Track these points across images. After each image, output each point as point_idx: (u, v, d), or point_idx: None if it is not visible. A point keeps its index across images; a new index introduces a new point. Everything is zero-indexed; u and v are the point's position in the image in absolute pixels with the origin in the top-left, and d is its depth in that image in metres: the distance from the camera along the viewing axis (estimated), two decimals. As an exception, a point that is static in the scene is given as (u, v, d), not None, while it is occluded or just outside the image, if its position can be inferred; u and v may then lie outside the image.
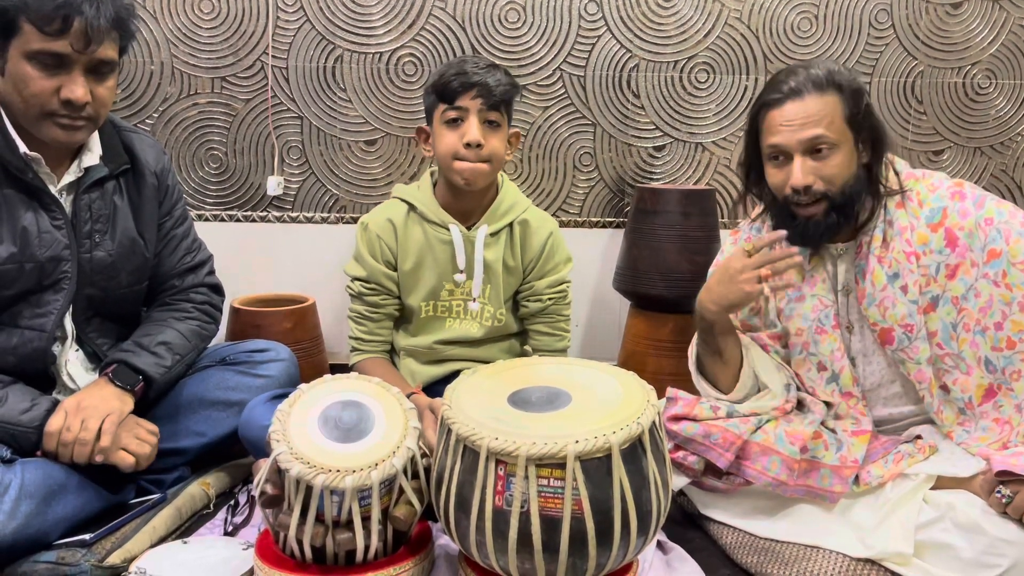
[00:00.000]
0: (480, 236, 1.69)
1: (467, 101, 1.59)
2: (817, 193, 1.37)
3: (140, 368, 1.46)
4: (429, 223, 1.70)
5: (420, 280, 1.72)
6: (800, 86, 1.37)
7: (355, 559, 1.20)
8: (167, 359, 1.51)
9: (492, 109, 1.61)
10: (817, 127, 1.35)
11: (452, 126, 1.61)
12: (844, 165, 1.37)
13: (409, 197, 1.72)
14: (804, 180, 1.36)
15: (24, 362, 1.41)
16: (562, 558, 1.09)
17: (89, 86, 1.32)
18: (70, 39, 1.28)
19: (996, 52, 2.41)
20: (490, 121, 1.62)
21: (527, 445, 1.07)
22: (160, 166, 1.56)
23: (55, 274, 1.41)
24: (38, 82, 1.30)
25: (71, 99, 1.30)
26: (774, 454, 1.35)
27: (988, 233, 1.34)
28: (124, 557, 1.29)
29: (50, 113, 1.32)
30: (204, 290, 1.65)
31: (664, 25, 2.34)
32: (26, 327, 1.40)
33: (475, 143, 1.59)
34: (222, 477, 1.60)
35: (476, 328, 1.75)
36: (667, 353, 2.16)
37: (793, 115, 1.36)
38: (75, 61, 1.30)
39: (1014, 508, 1.21)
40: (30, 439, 1.34)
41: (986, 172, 2.49)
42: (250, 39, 2.27)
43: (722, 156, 2.42)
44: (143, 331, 1.54)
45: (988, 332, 1.35)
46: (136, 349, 1.49)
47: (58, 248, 1.40)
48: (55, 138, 1.35)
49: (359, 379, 1.33)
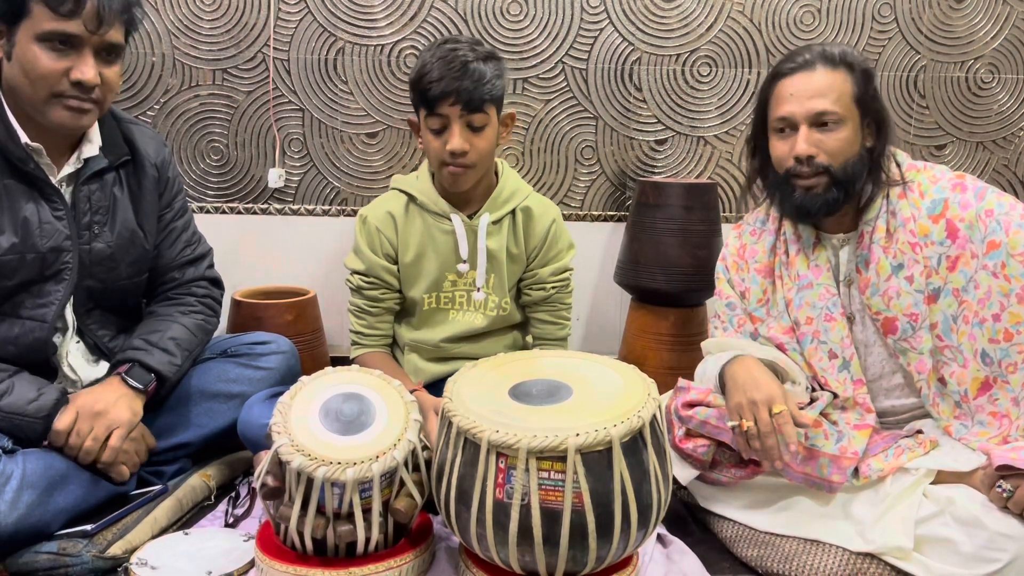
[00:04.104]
0: (482, 225, 1.68)
1: (447, 108, 1.54)
2: (819, 166, 1.39)
3: (154, 367, 1.46)
4: (430, 213, 1.69)
5: (422, 272, 1.71)
6: (813, 59, 1.40)
7: (356, 551, 1.21)
8: (178, 356, 1.51)
9: (475, 112, 1.55)
10: (825, 100, 1.37)
11: (436, 133, 1.58)
12: (848, 142, 1.39)
13: (408, 188, 1.71)
14: (808, 149, 1.38)
15: (25, 352, 1.40)
16: (562, 551, 1.10)
17: (98, 69, 1.32)
18: (83, 19, 1.28)
19: (999, 47, 2.41)
20: (474, 125, 1.56)
21: (528, 438, 1.08)
22: (160, 158, 1.56)
23: (56, 264, 1.41)
24: (48, 64, 1.29)
25: (82, 80, 1.30)
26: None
27: (988, 225, 1.34)
28: (125, 548, 1.30)
29: (59, 95, 1.32)
30: (205, 283, 1.65)
31: (666, 18, 2.33)
32: (27, 317, 1.40)
33: (459, 152, 1.55)
34: (223, 469, 1.60)
35: (480, 319, 1.74)
36: (668, 347, 2.16)
37: (803, 86, 1.39)
38: (86, 42, 1.30)
39: (1014, 503, 1.21)
40: (36, 429, 1.34)
41: (988, 167, 2.48)
42: (251, 31, 2.26)
43: (724, 150, 2.42)
44: (151, 327, 1.54)
45: (986, 324, 1.35)
46: (148, 347, 1.48)
47: (59, 239, 1.40)
48: (62, 122, 1.34)
49: (360, 371, 1.33)
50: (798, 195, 1.42)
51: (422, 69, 1.55)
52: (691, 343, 2.12)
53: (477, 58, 1.54)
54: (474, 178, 1.63)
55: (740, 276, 1.57)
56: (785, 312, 1.52)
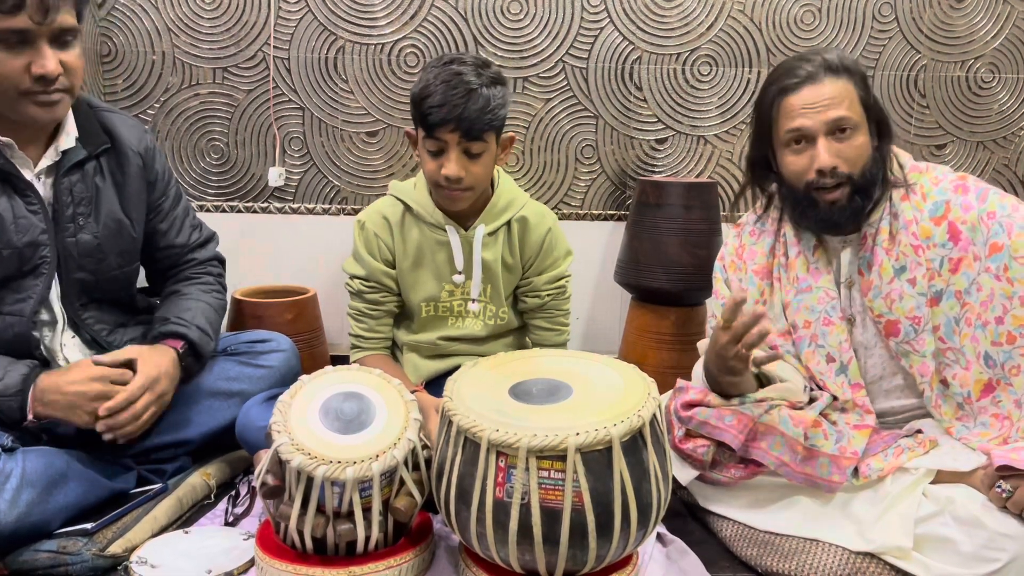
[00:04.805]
0: (478, 237, 1.67)
1: (446, 135, 1.51)
2: (841, 176, 1.38)
3: (198, 346, 1.52)
4: (426, 224, 1.68)
5: (419, 280, 1.71)
6: (816, 70, 1.39)
7: (356, 550, 1.21)
8: (211, 338, 1.57)
9: (474, 140, 1.53)
10: (840, 108, 1.37)
11: (432, 155, 1.56)
12: (864, 147, 1.39)
13: (405, 197, 1.69)
14: (832, 161, 1.37)
15: (8, 347, 1.40)
16: (562, 550, 1.10)
17: (57, 57, 1.30)
18: (28, 12, 1.24)
19: (999, 46, 2.40)
20: (471, 152, 1.54)
21: (528, 437, 1.08)
22: (144, 146, 1.54)
23: (34, 259, 1.40)
24: (6, 62, 1.27)
25: (43, 74, 1.28)
26: (779, 434, 1.35)
27: (990, 227, 1.34)
28: (125, 547, 1.30)
29: (25, 92, 1.30)
30: (217, 263, 1.71)
31: (667, 17, 2.33)
32: (7, 313, 1.40)
33: (454, 178, 1.54)
34: (223, 467, 1.60)
35: (480, 326, 1.74)
36: (668, 346, 2.16)
37: (814, 98, 1.38)
38: (38, 34, 1.27)
39: (1014, 503, 1.21)
40: (12, 407, 1.32)
41: (988, 167, 2.48)
42: (252, 29, 2.26)
43: (724, 149, 2.42)
44: (181, 305, 1.57)
45: (989, 326, 1.35)
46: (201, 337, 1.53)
47: (35, 233, 1.39)
48: (35, 117, 1.33)
49: (360, 371, 1.33)
50: (823, 209, 1.41)
51: (425, 89, 1.52)
52: (691, 342, 2.12)
53: (482, 84, 1.51)
54: (470, 199, 1.62)
55: (737, 276, 1.57)
56: (782, 315, 1.52)
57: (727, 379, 1.39)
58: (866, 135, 1.40)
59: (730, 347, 1.31)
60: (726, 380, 1.40)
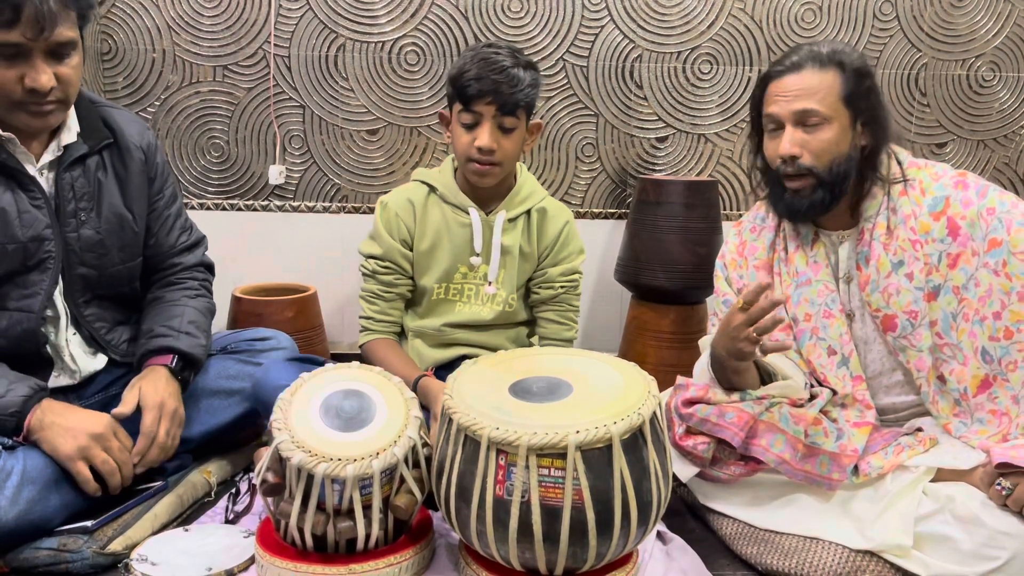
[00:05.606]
0: (499, 221, 1.71)
1: (482, 107, 1.59)
2: (803, 167, 1.39)
3: (187, 354, 1.50)
4: (449, 205, 1.72)
5: (435, 261, 1.73)
6: (801, 60, 1.40)
7: (356, 547, 1.21)
8: (202, 339, 1.55)
9: (508, 115, 1.60)
10: (809, 100, 1.38)
11: (467, 128, 1.62)
12: (833, 142, 1.39)
13: (430, 180, 1.74)
14: (791, 149, 1.39)
15: (15, 344, 1.40)
16: (562, 548, 1.10)
17: (52, 69, 1.29)
18: (22, 28, 1.23)
19: (1000, 45, 2.40)
20: (504, 127, 1.61)
21: (528, 435, 1.08)
22: (146, 141, 1.55)
23: (39, 254, 1.40)
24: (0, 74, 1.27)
25: (35, 88, 1.28)
26: (779, 432, 1.36)
27: (990, 223, 1.34)
28: (125, 544, 1.30)
29: (18, 103, 1.30)
30: (203, 269, 1.68)
31: (667, 16, 2.33)
32: (14, 309, 1.40)
33: (487, 149, 1.60)
34: (223, 465, 1.60)
35: (487, 312, 1.75)
36: (668, 344, 2.16)
37: (789, 87, 1.40)
38: (33, 49, 1.26)
39: (1014, 501, 1.21)
40: (8, 426, 1.31)
41: (989, 165, 2.48)
42: (252, 27, 2.26)
43: (725, 148, 2.42)
44: (167, 313, 1.55)
45: (987, 322, 1.35)
46: (175, 333, 1.51)
47: (39, 227, 1.39)
48: (28, 125, 1.33)
49: (361, 368, 1.33)
50: (787, 196, 1.44)
51: (462, 67, 1.60)
52: (691, 340, 2.13)
53: (516, 64, 1.60)
54: (498, 176, 1.67)
55: (738, 273, 1.57)
56: (783, 309, 1.52)
57: (733, 364, 1.41)
58: (839, 131, 1.39)
59: (742, 328, 1.32)
60: (732, 365, 1.41)
